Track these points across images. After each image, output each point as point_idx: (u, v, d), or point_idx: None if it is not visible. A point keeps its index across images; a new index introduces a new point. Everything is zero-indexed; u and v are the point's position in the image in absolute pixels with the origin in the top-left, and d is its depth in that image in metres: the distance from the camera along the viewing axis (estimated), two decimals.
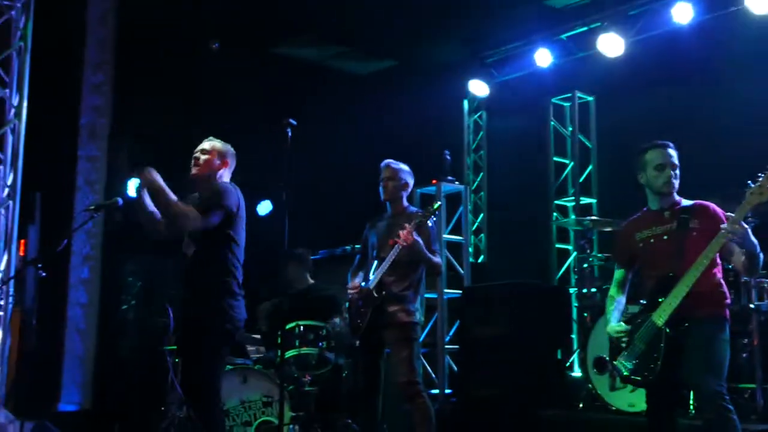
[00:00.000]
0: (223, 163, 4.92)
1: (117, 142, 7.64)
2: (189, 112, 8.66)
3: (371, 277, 5.46)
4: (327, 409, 6.43)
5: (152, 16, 7.93)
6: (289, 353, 6.15)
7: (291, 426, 5.90)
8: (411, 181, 5.75)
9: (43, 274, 5.22)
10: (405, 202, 5.72)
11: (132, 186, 5.21)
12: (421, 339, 6.80)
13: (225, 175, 4.94)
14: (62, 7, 7.44)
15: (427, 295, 7.33)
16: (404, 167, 5.73)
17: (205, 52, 8.52)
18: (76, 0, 7.75)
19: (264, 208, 8.95)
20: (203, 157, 4.90)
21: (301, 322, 6.27)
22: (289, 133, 4.91)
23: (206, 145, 4.95)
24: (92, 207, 5.80)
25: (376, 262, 5.50)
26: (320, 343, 6.26)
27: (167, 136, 8.47)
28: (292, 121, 4.90)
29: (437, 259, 5.53)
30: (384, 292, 5.36)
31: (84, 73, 7.95)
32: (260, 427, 5.84)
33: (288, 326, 6.19)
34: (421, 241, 5.27)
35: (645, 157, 4.41)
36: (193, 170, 4.93)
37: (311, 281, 7.18)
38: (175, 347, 6.31)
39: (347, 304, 5.68)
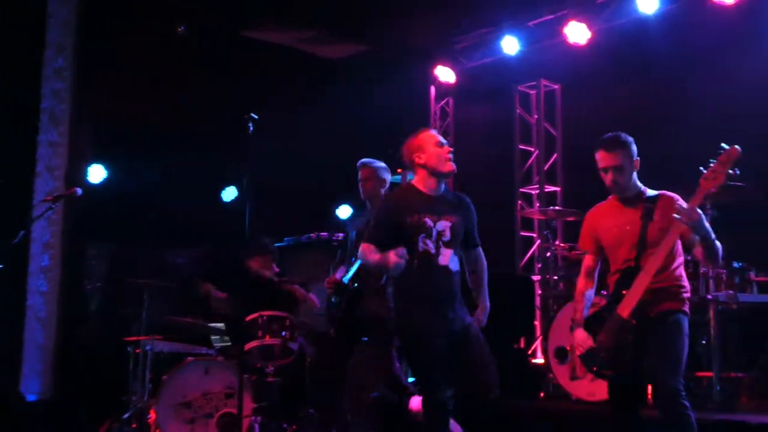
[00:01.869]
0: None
1: (79, 128, 7.55)
2: (154, 97, 8.52)
3: (350, 272, 5.50)
4: (290, 399, 6.37)
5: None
6: (252, 343, 6.10)
7: (253, 417, 5.85)
8: (388, 177, 5.82)
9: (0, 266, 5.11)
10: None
11: None
12: None
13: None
14: None
15: None
16: (381, 164, 5.80)
17: (171, 36, 8.39)
18: None
19: (229, 194, 8.86)
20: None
21: (264, 313, 6.21)
22: (251, 127, 4.87)
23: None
24: (51, 198, 5.70)
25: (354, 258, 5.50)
26: (283, 333, 6.21)
27: (130, 122, 8.36)
28: (253, 115, 4.91)
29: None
30: (357, 285, 5.41)
31: (45, 57, 7.76)
32: (222, 418, 5.79)
33: (251, 316, 6.13)
34: None
35: (595, 155, 4.42)
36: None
37: (276, 270, 7.11)
38: (138, 337, 6.26)
39: (333, 299, 5.65)
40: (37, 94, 7.61)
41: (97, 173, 7.87)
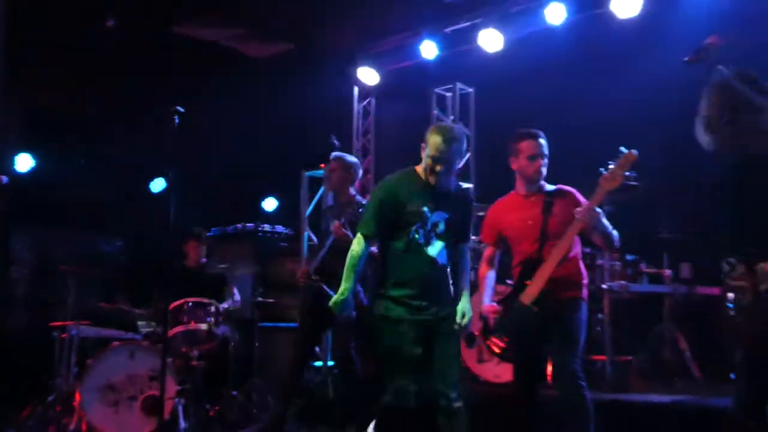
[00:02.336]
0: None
1: (5, 117, 7.25)
2: (82, 89, 8.26)
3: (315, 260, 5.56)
4: (214, 382, 6.27)
5: None
6: (178, 329, 6.00)
7: (177, 399, 5.74)
8: (359, 172, 5.85)
9: None
10: (351, 191, 5.74)
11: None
12: None
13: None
14: None
15: None
16: (352, 159, 5.86)
17: (100, 29, 8.13)
18: None
19: (157, 185, 8.66)
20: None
21: (189, 299, 6.11)
22: (177, 120, 4.77)
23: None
24: None
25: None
26: (208, 319, 6.12)
27: (60, 113, 8.09)
28: (179, 108, 4.79)
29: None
30: (323, 274, 5.41)
31: None
32: (146, 400, 5.67)
33: (176, 303, 6.02)
34: (350, 233, 5.22)
35: (519, 145, 4.44)
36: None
37: (204, 259, 6.99)
38: (64, 322, 6.07)
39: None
40: None
41: (24, 162, 7.61)
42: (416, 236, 4.10)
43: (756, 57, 3.62)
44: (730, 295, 3.25)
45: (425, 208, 4.12)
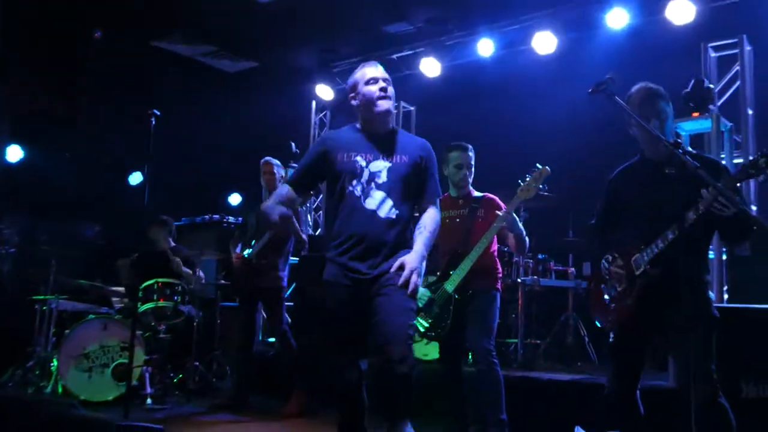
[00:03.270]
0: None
1: None
2: (71, 90, 8.07)
3: (250, 248, 5.54)
4: (178, 353, 6.18)
5: (36, 2, 7.29)
6: (148, 305, 5.90)
7: (145, 367, 5.64)
8: (283, 173, 5.91)
9: None
10: None
11: None
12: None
13: None
14: None
15: None
16: (277, 162, 5.87)
17: (87, 40, 7.95)
18: None
19: (135, 178, 8.49)
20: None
21: (159, 279, 6.01)
22: (153, 122, 4.72)
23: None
24: None
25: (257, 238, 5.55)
26: (175, 297, 6.03)
27: (49, 111, 7.88)
28: (155, 111, 4.72)
29: (304, 235, 5.68)
30: (262, 261, 5.49)
31: None
32: (117, 368, 5.57)
33: (147, 282, 5.92)
34: (295, 220, 5.21)
35: (449, 155, 4.49)
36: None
37: (173, 244, 6.87)
38: (45, 296, 5.92)
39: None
40: None
41: (14, 153, 7.38)
42: (350, 188, 3.29)
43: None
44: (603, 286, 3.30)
45: (358, 157, 3.33)
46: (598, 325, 3.37)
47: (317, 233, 9.49)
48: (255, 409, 5.57)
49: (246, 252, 5.60)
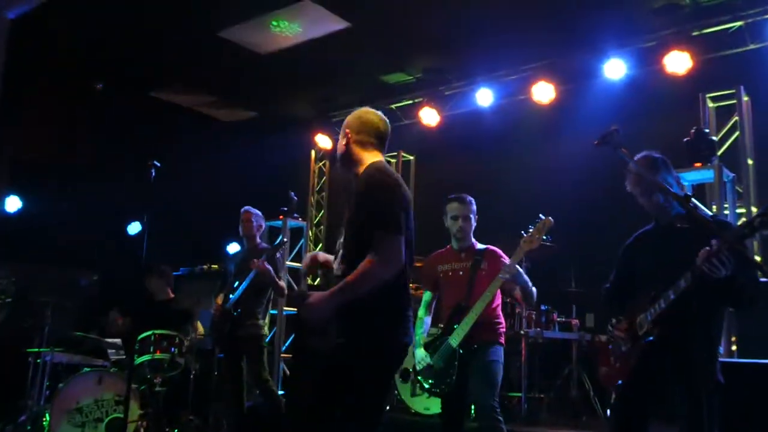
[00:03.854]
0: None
1: None
2: (70, 141, 8.09)
3: (230, 297, 5.40)
4: (174, 406, 6.01)
5: (40, 53, 7.33)
6: (144, 357, 5.75)
7: (139, 422, 5.47)
8: (263, 223, 5.84)
9: None
10: (258, 239, 5.76)
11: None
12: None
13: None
14: None
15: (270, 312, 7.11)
16: (258, 212, 5.81)
17: (89, 91, 7.99)
18: None
19: (134, 228, 8.42)
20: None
21: (157, 331, 5.88)
22: (153, 173, 4.69)
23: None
24: None
25: (235, 286, 5.43)
26: (172, 349, 5.89)
27: (48, 162, 7.86)
28: (156, 162, 4.71)
29: (282, 283, 5.56)
30: (240, 310, 5.36)
31: None
32: (111, 422, 5.39)
33: (144, 334, 5.79)
34: (271, 269, 5.31)
35: (447, 206, 4.44)
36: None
37: (171, 295, 6.76)
38: (39, 349, 5.79)
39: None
40: None
41: (13, 203, 7.34)
42: None
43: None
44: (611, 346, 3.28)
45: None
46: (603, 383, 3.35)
47: (316, 283, 9.40)
48: None
49: (227, 302, 5.46)
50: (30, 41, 7.08)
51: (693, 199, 2.90)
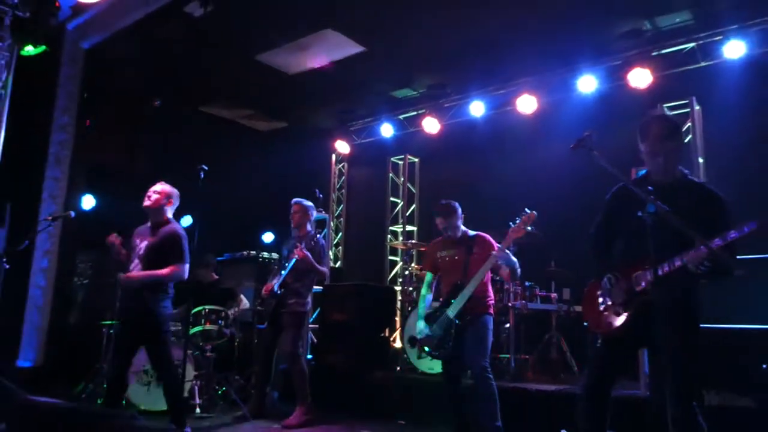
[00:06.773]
0: (168, 202, 4.65)
1: (76, 169, 7.14)
2: (134, 149, 8.23)
3: (281, 273, 5.39)
4: (222, 369, 6.17)
5: (110, 77, 7.48)
6: (196, 328, 5.91)
7: (194, 381, 5.63)
8: (313, 213, 5.67)
9: (7, 266, 4.74)
10: (308, 227, 5.61)
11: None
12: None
13: (169, 212, 4.67)
14: (41, 67, 6.84)
15: None
16: (308, 203, 5.67)
17: (148, 107, 8.11)
18: (53, 62, 7.16)
19: (186, 221, 8.55)
20: (154, 195, 4.59)
21: (207, 306, 6.03)
22: (202, 175, 4.77)
23: (158, 186, 4.65)
24: (50, 217, 5.34)
25: (284, 269, 5.40)
26: (219, 321, 6.03)
27: (115, 169, 8.01)
28: (204, 166, 4.79)
29: (323, 268, 5.44)
30: (284, 289, 5.32)
31: (54, 116, 7.33)
32: None
33: (196, 309, 5.93)
34: (310, 255, 5.23)
35: (434, 216, 4.55)
36: (146, 203, 4.58)
37: (216, 277, 6.92)
38: (111, 321, 5.94)
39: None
40: (46, 143, 7.15)
41: (88, 201, 7.48)
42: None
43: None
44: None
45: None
46: (586, 325, 3.20)
47: (338, 265, 9.53)
48: (273, 418, 5.40)
49: (275, 284, 5.49)
50: (101, 66, 7.24)
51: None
